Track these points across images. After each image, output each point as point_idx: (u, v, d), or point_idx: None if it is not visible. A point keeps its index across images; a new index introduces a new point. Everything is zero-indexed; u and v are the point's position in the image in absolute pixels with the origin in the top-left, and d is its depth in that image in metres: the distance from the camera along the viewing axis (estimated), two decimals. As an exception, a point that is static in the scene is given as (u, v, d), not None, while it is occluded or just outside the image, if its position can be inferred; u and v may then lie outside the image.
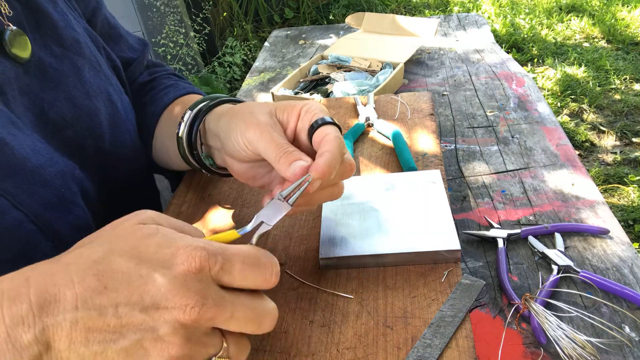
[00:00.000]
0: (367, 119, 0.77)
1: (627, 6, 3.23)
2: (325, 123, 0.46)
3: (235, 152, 0.50)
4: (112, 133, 0.61)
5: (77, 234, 0.54)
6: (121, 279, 0.31)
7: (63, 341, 0.29)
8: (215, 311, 0.32)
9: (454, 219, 0.69)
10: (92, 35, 0.63)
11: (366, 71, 1.13)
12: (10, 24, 0.50)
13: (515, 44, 2.94)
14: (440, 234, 0.52)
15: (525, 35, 2.99)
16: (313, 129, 0.47)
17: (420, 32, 1.26)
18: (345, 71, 1.14)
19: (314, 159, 0.44)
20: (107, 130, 0.60)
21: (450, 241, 0.51)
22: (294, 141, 0.49)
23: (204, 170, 0.60)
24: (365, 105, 0.81)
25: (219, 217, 0.62)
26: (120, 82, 0.67)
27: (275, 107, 0.50)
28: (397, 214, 0.55)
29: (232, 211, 0.63)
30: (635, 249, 0.63)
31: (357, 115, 0.79)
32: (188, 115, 0.56)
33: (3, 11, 0.51)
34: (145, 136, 0.69)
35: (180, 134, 0.56)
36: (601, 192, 0.73)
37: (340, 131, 0.47)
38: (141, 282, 0.31)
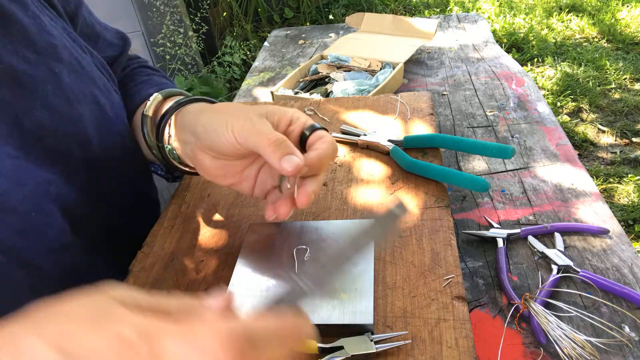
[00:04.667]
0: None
1: (627, 6, 3.23)
2: (318, 129, 0.51)
3: (216, 146, 0.50)
4: (101, 137, 0.58)
5: (53, 256, 0.52)
6: None
7: None
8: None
9: (454, 219, 0.69)
10: (72, 35, 0.60)
11: (366, 71, 1.13)
12: None
13: (515, 44, 2.94)
14: (355, 303, 0.46)
15: (525, 35, 2.99)
16: (306, 135, 0.50)
17: (420, 32, 1.26)
18: (345, 71, 1.14)
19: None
20: (94, 135, 0.57)
21: (364, 314, 0.45)
22: None
23: (157, 162, 0.60)
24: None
25: (219, 217, 0.62)
26: (110, 78, 0.64)
27: (266, 109, 0.51)
28: (316, 273, 0.50)
29: (231, 211, 0.63)
30: (635, 248, 0.63)
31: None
32: (154, 97, 0.59)
33: None
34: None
35: (145, 112, 0.58)
36: (601, 192, 0.73)
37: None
38: None
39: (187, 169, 0.61)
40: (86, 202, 0.58)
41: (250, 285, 0.49)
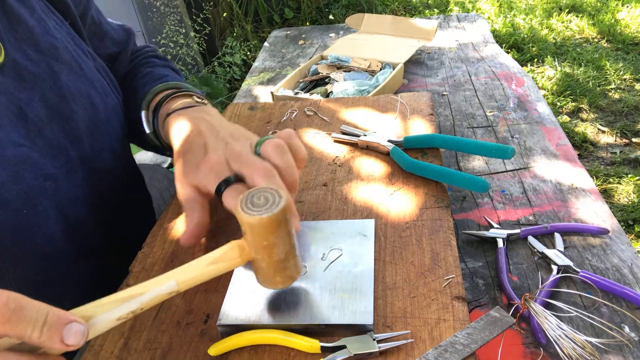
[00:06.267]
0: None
1: (627, 6, 3.23)
2: (232, 182, 0.49)
3: None
4: (92, 136, 0.60)
5: (32, 262, 0.53)
6: None
7: None
8: None
9: (454, 219, 0.69)
10: (75, 40, 0.63)
11: (366, 71, 1.13)
12: None
13: (515, 44, 2.94)
14: (355, 303, 0.46)
15: (525, 35, 2.99)
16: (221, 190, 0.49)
17: (420, 32, 1.26)
18: (345, 71, 1.14)
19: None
20: (85, 134, 0.59)
21: (364, 314, 0.45)
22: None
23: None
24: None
25: (219, 217, 0.62)
26: (110, 82, 0.67)
27: (185, 172, 0.53)
28: (314, 274, 0.50)
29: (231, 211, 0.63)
30: (635, 249, 0.63)
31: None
32: (144, 116, 0.64)
33: None
34: (138, 129, 0.69)
35: (149, 132, 0.64)
36: (601, 192, 0.73)
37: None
38: None
39: None
40: (81, 203, 0.59)
41: (251, 285, 0.49)
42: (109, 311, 0.35)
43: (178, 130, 0.57)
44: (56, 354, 0.33)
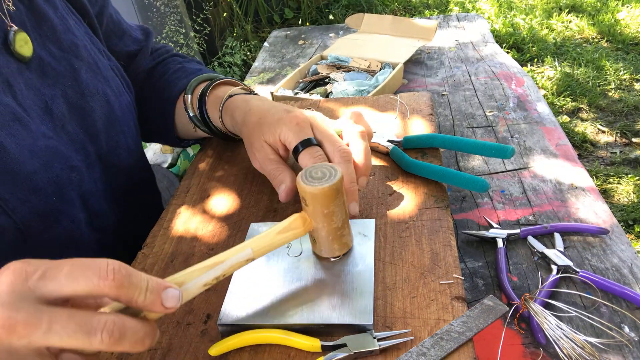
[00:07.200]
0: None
1: (627, 6, 3.23)
2: (312, 144, 0.53)
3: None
4: (108, 133, 0.63)
5: (58, 248, 0.54)
6: None
7: None
8: (26, 325, 0.29)
9: (454, 220, 0.69)
10: (92, 39, 0.65)
11: (365, 71, 1.13)
12: (13, 25, 0.53)
13: (515, 44, 2.94)
14: (355, 303, 0.46)
15: (525, 35, 2.99)
16: (297, 152, 0.53)
17: (420, 32, 1.26)
18: (344, 71, 1.14)
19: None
20: (102, 130, 0.62)
21: (363, 314, 0.45)
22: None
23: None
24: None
25: (219, 218, 0.62)
26: (123, 81, 0.69)
27: (264, 131, 0.56)
28: (316, 273, 0.50)
29: (231, 211, 0.63)
30: (635, 249, 0.63)
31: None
32: (189, 100, 0.67)
33: (6, 9, 0.53)
34: (166, 119, 0.73)
35: (192, 114, 0.67)
36: (601, 192, 0.73)
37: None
38: None
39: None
40: (100, 196, 0.61)
41: (251, 285, 0.49)
42: (196, 278, 0.39)
43: (247, 107, 0.60)
44: (154, 318, 0.35)
